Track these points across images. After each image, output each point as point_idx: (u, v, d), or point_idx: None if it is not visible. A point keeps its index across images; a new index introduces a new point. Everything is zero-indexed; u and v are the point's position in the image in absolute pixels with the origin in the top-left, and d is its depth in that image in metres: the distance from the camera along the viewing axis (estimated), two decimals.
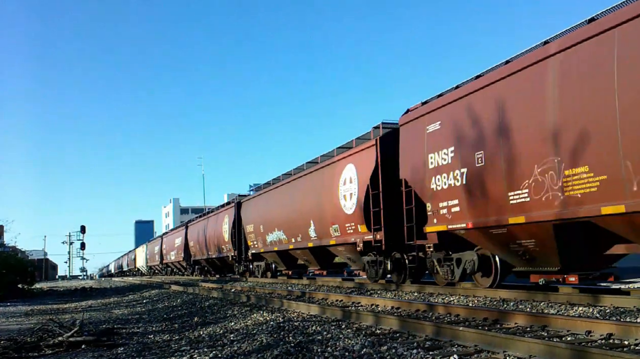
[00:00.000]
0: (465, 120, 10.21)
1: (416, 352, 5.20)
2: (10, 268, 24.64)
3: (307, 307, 9.40)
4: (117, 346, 7.27)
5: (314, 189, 16.70)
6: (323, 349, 5.70)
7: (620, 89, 7.33)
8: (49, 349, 7.35)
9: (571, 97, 8.04)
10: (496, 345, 5.07)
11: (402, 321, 6.75)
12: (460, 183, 10.28)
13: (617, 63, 7.39)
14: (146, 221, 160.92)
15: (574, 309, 7.67)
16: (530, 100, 8.76)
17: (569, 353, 4.38)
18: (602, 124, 7.56)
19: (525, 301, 8.84)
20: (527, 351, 4.72)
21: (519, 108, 8.98)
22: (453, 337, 5.67)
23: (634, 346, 5.04)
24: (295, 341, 6.36)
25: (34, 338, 8.08)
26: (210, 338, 7.33)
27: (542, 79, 8.54)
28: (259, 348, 6.16)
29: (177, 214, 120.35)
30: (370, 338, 6.07)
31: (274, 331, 7.24)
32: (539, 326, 6.19)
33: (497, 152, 9.36)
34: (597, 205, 7.64)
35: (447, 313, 7.88)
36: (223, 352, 6.10)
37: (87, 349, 7.24)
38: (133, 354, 6.49)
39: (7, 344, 7.57)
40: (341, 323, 7.61)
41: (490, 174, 9.52)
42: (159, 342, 7.43)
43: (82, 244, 70.55)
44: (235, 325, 8.45)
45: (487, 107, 9.66)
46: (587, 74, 7.81)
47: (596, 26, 7.80)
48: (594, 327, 5.66)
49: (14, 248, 36.47)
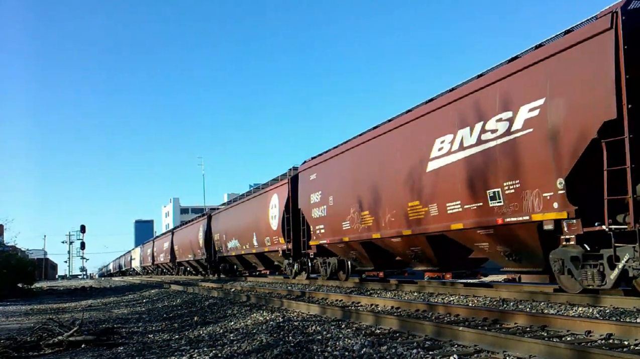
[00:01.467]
0: (327, 175, 15.97)
1: (416, 352, 5.19)
2: (10, 268, 24.65)
3: (307, 307, 9.40)
4: (117, 346, 7.27)
5: (255, 210, 22.42)
6: (323, 349, 5.70)
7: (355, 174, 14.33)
8: (49, 348, 7.35)
9: (356, 173, 14.23)
10: (496, 345, 5.07)
11: (402, 321, 6.75)
12: (324, 214, 15.90)
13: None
14: (146, 220, 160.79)
15: (573, 310, 7.66)
16: (343, 171, 14.99)
17: (569, 353, 4.38)
18: (369, 188, 13.39)
19: (525, 301, 8.83)
20: (527, 351, 4.71)
21: (342, 174, 15.02)
22: (453, 337, 5.67)
23: (634, 346, 5.04)
24: (295, 340, 6.36)
25: (33, 337, 8.08)
26: (210, 338, 7.33)
27: (346, 160, 14.82)
28: (259, 347, 6.16)
29: (177, 214, 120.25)
30: (370, 338, 6.07)
31: (274, 331, 7.24)
32: (538, 326, 6.18)
33: (338, 198, 15.12)
34: (372, 232, 13.34)
35: (447, 312, 7.88)
36: (223, 351, 6.10)
37: (87, 349, 7.24)
38: (133, 354, 6.49)
39: (7, 343, 7.57)
40: (341, 322, 7.61)
41: (336, 210, 15.18)
42: (159, 341, 7.43)
43: (82, 243, 70.55)
44: (235, 325, 8.45)
45: (335, 168, 15.51)
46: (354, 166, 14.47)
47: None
48: (594, 327, 5.65)
49: (13, 247, 36.44)
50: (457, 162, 10.20)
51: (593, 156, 7.69)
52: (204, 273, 33.83)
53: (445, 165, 10.54)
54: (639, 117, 7.32)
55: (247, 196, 24.92)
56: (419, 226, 11.42)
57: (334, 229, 15.25)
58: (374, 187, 13.11)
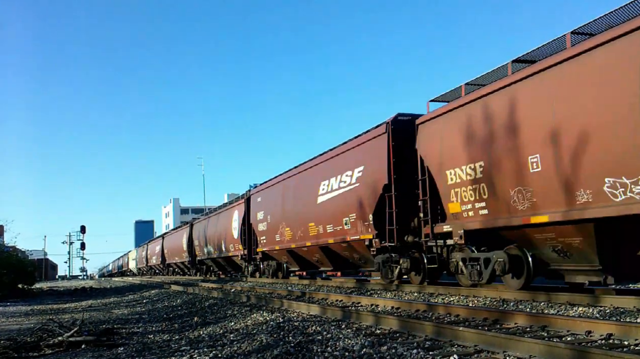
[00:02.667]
0: (267, 198, 21.00)
1: (416, 352, 5.20)
2: (10, 268, 24.65)
3: (307, 307, 9.40)
4: (117, 346, 7.27)
5: (223, 221, 27.32)
6: (323, 349, 5.71)
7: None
8: (49, 349, 7.35)
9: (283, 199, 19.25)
10: (496, 345, 5.08)
11: (402, 321, 6.75)
12: (265, 229, 20.84)
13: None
14: (146, 221, 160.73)
15: (573, 310, 7.66)
16: (276, 198, 20.03)
17: (569, 353, 4.38)
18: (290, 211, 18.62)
19: (526, 302, 8.84)
20: (527, 352, 4.72)
21: (275, 199, 20.06)
22: (453, 337, 5.67)
23: (634, 346, 5.04)
24: (295, 341, 6.36)
25: (33, 338, 8.09)
26: (210, 338, 7.33)
27: (278, 189, 19.98)
28: (259, 347, 6.16)
29: (177, 214, 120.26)
30: (370, 338, 6.07)
31: (274, 331, 7.24)
32: (538, 326, 6.19)
33: (273, 217, 20.10)
34: (291, 243, 18.19)
35: (447, 313, 7.88)
36: (223, 352, 6.11)
37: (87, 349, 7.24)
38: (133, 354, 6.49)
39: (7, 344, 7.58)
40: (341, 323, 7.61)
41: (272, 226, 20.16)
42: (159, 342, 7.43)
43: (82, 244, 70.70)
44: (235, 325, 8.45)
45: (271, 194, 20.70)
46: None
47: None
48: (594, 327, 5.66)
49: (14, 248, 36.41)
50: (330, 199, 15.47)
51: (383, 203, 12.72)
52: (189, 273, 39.11)
53: (325, 200, 15.79)
54: (400, 183, 12.48)
55: (219, 209, 29.64)
56: (315, 240, 16.41)
57: (270, 240, 20.30)
58: (293, 211, 18.20)
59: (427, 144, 11.57)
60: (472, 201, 10.08)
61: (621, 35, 7.43)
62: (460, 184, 10.39)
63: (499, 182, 9.44)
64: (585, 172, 7.87)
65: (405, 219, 12.41)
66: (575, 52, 8.07)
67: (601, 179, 7.64)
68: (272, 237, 19.93)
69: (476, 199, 9.98)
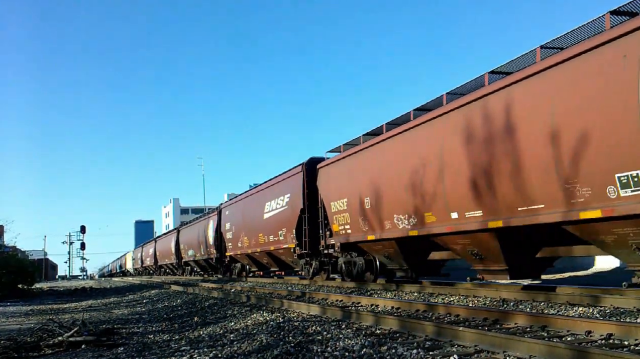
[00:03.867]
0: (233, 212, 25.28)
1: (416, 352, 5.20)
2: (10, 268, 24.64)
3: (307, 307, 9.40)
4: (117, 346, 7.27)
5: (203, 228, 31.17)
6: (323, 349, 5.70)
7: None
8: (49, 349, 7.35)
9: (242, 214, 23.91)
10: (496, 345, 5.08)
11: (402, 321, 6.75)
12: (231, 237, 25.06)
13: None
14: (146, 221, 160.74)
15: (574, 310, 7.66)
16: (237, 212, 24.55)
17: (569, 353, 4.38)
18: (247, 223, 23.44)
19: (526, 302, 8.84)
20: (527, 352, 4.72)
21: (237, 214, 24.60)
22: (453, 337, 5.67)
23: (634, 346, 5.04)
24: (295, 341, 6.36)
25: (33, 338, 8.09)
26: (210, 338, 7.33)
27: (239, 205, 24.85)
28: (259, 348, 6.16)
29: (177, 214, 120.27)
30: (370, 338, 6.07)
31: (274, 331, 7.24)
32: (539, 326, 6.18)
33: (237, 227, 24.20)
34: (249, 249, 22.66)
35: (447, 313, 7.88)
36: (223, 352, 6.11)
37: (87, 349, 7.24)
38: (133, 354, 6.49)
39: (7, 344, 7.58)
40: (341, 323, 7.61)
41: (236, 234, 24.24)
42: (159, 342, 7.43)
43: (82, 244, 70.67)
44: (235, 325, 8.45)
45: (235, 209, 24.96)
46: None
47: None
48: (594, 327, 5.65)
49: (14, 248, 36.41)
50: (272, 216, 19.76)
51: (301, 221, 17.21)
52: (177, 273, 43.35)
53: (268, 216, 20.06)
54: (312, 207, 16.94)
55: (200, 218, 33.43)
56: (263, 247, 20.65)
57: (235, 246, 24.54)
58: (249, 223, 22.40)
59: (322, 182, 16.17)
60: (343, 224, 14.83)
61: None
62: (338, 212, 15.03)
63: (352, 213, 14.11)
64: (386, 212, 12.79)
65: (315, 233, 16.96)
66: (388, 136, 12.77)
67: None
68: (236, 243, 24.45)
69: (346, 222, 14.65)
